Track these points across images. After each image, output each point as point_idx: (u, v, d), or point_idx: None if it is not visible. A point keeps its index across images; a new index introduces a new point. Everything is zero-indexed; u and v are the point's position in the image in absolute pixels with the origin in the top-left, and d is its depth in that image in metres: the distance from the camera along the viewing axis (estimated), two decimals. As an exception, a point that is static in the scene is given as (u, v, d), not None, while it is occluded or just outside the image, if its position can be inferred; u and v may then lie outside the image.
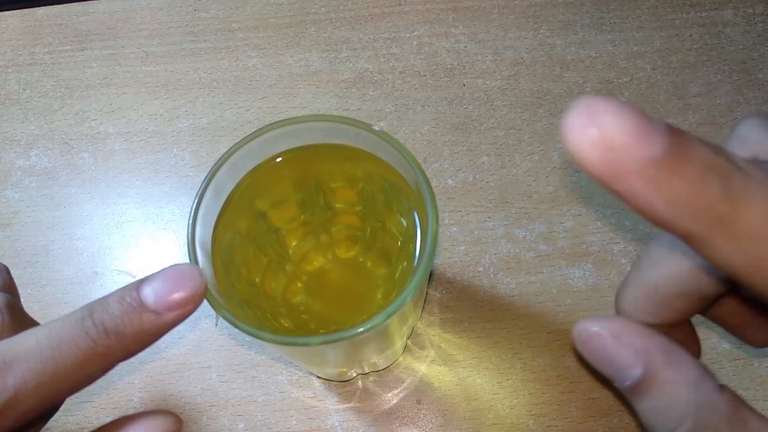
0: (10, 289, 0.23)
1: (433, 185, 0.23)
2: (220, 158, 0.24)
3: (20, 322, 0.21)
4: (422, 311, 0.31)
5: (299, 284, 0.26)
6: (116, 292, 0.19)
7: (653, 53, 0.37)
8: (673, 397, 0.17)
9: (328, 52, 0.37)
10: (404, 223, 0.25)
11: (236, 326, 0.21)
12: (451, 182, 0.34)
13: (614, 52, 0.37)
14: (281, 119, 0.24)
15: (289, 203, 0.27)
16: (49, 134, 0.36)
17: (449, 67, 0.37)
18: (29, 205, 0.34)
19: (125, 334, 0.18)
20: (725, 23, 0.37)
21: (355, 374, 0.29)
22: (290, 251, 0.27)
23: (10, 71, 0.38)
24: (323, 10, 0.39)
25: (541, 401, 0.29)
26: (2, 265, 0.23)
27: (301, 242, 0.27)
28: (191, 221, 0.23)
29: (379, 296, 0.25)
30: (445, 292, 0.31)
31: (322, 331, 0.25)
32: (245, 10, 0.39)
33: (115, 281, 0.32)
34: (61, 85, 0.37)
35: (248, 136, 0.24)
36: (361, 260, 0.26)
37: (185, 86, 0.37)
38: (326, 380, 0.30)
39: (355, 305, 0.26)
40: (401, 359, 0.30)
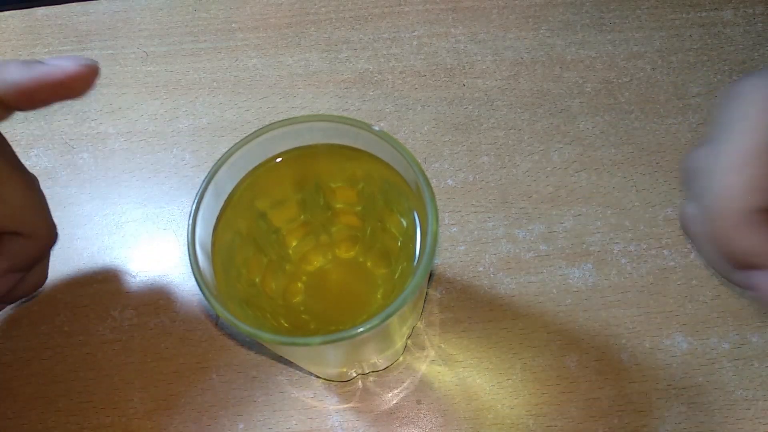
0: None
1: (433, 185, 0.23)
2: (220, 158, 0.24)
3: None
4: (422, 311, 0.31)
5: (299, 284, 0.26)
6: None
7: (653, 53, 0.37)
8: None
9: (328, 52, 0.37)
10: (404, 223, 0.25)
11: (236, 326, 0.21)
12: (451, 182, 0.34)
13: (614, 52, 0.37)
14: (281, 119, 0.24)
15: (289, 203, 0.27)
16: (49, 134, 0.36)
17: (449, 67, 0.37)
18: (29, 205, 0.34)
19: None
20: (725, 23, 0.37)
21: (355, 374, 0.29)
22: (290, 251, 0.27)
23: (10, 71, 0.38)
24: (323, 10, 0.39)
25: (540, 401, 0.29)
26: None
27: (301, 242, 0.27)
28: (191, 221, 0.23)
29: (379, 296, 0.25)
30: (444, 292, 0.31)
31: (322, 331, 0.25)
32: (245, 10, 0.39)
33: (114, 281, 0.32)
34: (61, 85, 0.37)
35: (248, 136, 0.24)
36: (361, 260, 0.26)
37: (185, 86, 0.37)
38: (326, 380, 0.30)
39: (355, 305, 0.26)
40: (401, 359, 0.30)
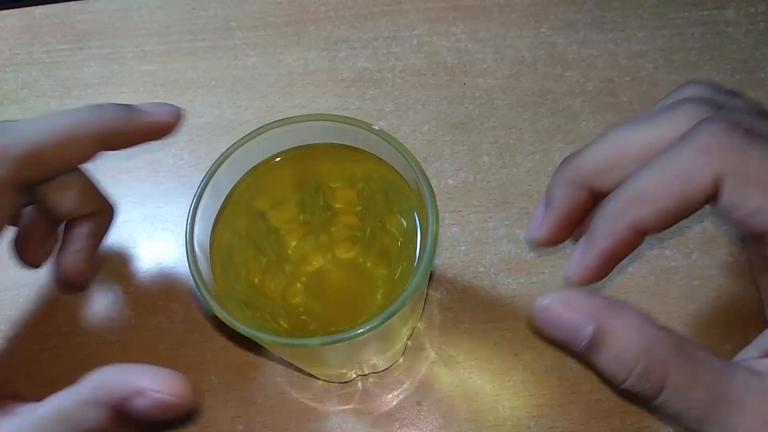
0: None
1: (433, 185, 0.22)
2: (218, 157, 0.24)
3: None
4: (422, 312, 0.31)
5: (299, 285, 0.26)
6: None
7: (655, 52, 0.37)
8: (623, 342, 0.19)
9: (327, 50, 0.37)
10: (404, 223, 0.25)
11: (235, 328, 0.21)
12: (451, 182, 0.34)
13: (616, 51, 0.37)
14: (280, 119, 0.24)
15: (288, 203, 0.26)
16: (47, 134, 0.36)
17: (450, 66, 0.37)
18: (27, 205, 0.34)
19: None
20: (727, 22, 0.37)
21: (354, 375, 0.29)
22: (289, 252, 0.26)
23: (8, 70, 0.38)
24: (323, 8, 0.38)
25: (542, 402, 0.29)
26: None
27: (300, 242, 0.27)
28: (189, 221, 0.23)
29: (379, 297, 0.25)
30: (445, 292, 0.31)
31: (321, 332, 0.25)
32: (244, 8, 0.39)
33: (112, 281, 0.32)
34: (59, 84, 0.37)
35: (247, 135, 0.24)
36: (360, 261, 0.26)
37: (184, 85, 0.37)
38: (326, 382, 0.29)
39: (354, 306, 0.26)
40: (401, 360, 0.30)
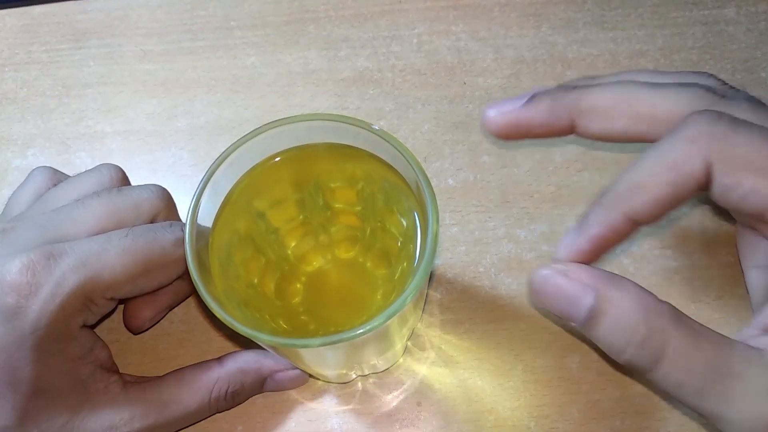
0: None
1: (433, 185, 0.22)
2: (218, 157, 0.24)
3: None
4: (422, 312, 0.30)
5: (298, 285, 0.26)
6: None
7: (655, 51, 0.36)
8: (623, 312, 0.19)
9: (327, 50, 0.37)
10: (404, 223, 0.25)
11: (235, 328, 0.21)
12: (451, 182, 0.34)
13: (616, 50, 0.37)
14: (280, 118, 0.24)
15: (288, 203, 0.26)
16: (46, 133, 0.36)
17: (450, 65, 0.37)
18: (26, 204, 0.34)
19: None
20: (728, 21, 0.37)
21: (354, 376, 0.29)
22: (289, 252, 0.26)
23: (7, 70, 0.38)
24: (322, 8, 0.38)
25: (542, 403, 0.29)
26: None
27: (300, 242, 0.26)
28: (189, 220, 0.23)
29: (378, 297, 0.25)
30: (445, 293, 0.31)
31: (321, 332, 0.24)
32: (244, 8, 0.39)
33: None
34: (58, 83, 0.37)
35: (247, 134, 0.24)
36: (360, 261, 0.26)
37: (183, 85, 0.37)
38: (326, 382, 0.29)
39: (354, 306, 0.26)
40: (401, 361, 0.30)
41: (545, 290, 0.20)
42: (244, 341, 0.30)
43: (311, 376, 0.29)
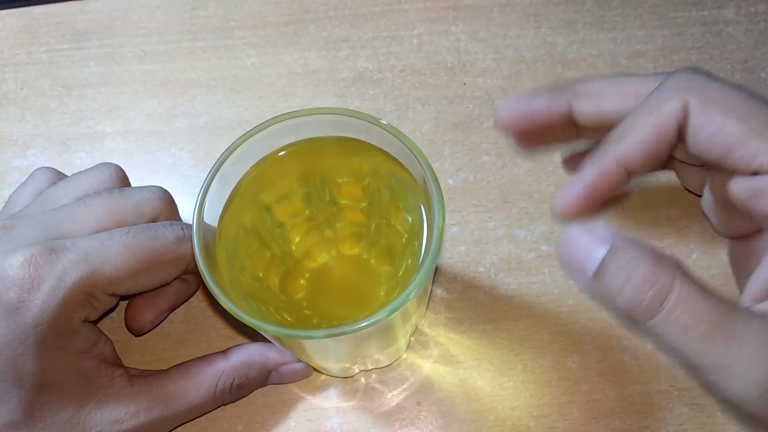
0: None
1: (434, 184, 0.22)
2: (227, 148, 0.24)
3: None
4: (426, 309, 0.30)
5: (302, 281, 0.26)
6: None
7: (655, 52, 0.36)
8: (634, 251, 0.20)
9: (327, 50, 0.37)
10: (410, 219, 0.25)
11: (241, 318, 0.21)
12: (451, 182, 0.34)
13: (616, 50, 0.37)
14: (289, 111, 0.24)
15: (294, 197, 0.26)
16: (46, 134, 0.36)
17: (450, 65, 0.37)
18: (26, 205, 0.34)
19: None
20: (727, 22, 0.37)
21: (357, 370, 0.29)
22: (294, 246, 0.26)
23: (7, 70, 0.38)
24: (322, 8, 0.38)
25: (542, 403, 0.29)
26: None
27: (305, 237, 0.26)
28: (197, 211, 0.23)
29: (382, 294, 0.25)
30: (445, 292, 0.31)
31: (324, 326, 0.25)
32: (244, 8, 0.39)
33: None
34: (58, 84, 0.37)
35: (256, 127, 0.24)
36: (365, 257, 0.26)
37: (183, 85, 0.37)
38: (327, 378, 0.29)
39: (357, 302, 0.26)
40: (404, 357, 0.30)
41: (568, 245, 0.21)
42: (248, 334, 0.30)
43: (315, 370, 0.29)
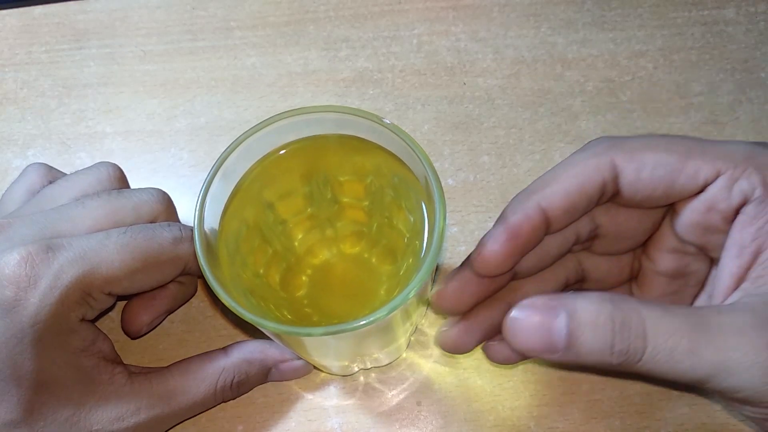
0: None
1: (434, 185, 0.22)
2: (230, 145, 0.24)
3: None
4: (426, 309, 0.30)
5: (303, 278, 0.26)
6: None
7: (655, 52, 0.36)
8: (593, 314, 0.19)
9: (327, 50, 0.37)
10: (411, 219, 0.25)
11: (240, 314, 0.21)
12: (451, 182, 0.34)
13: (616, 50, 0.37)
14: (292, 109, 0.24)
15: (296, 195, 0.26)
16: (46, 134, 0.36)
17: (449, 65, 0.37)
18: (26, 205, 0.34)
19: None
20: (727, 22, 0.37)
21: (357, 369, 0.29)
22: (296, 244, 0.26)
23: (7, 70, 0.38)
24: (322, 8, 0.38)
25: (542, 403, 0.29)
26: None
27: (306, 235, 0.26)
28: (198, 207, 0.23)
29: (382, 292, 0.25)
30: (445, 292, 0.31)
31: (324, 324, 0.25)
32: (244, 8, 0.39)
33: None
34: (58, 84, 0.37)
35: (259, 124, 0.24)
36: (366, 256, 0.26)
37: (183, 85, 0.37)
38: (327, 376, 0.29)
39: (358, 300, 0.26)
40: (404, 356, 0.30)
41: (520, 328, 0.20)
42: (248, 332, 0.30)
43: (314, 368, 0.29)
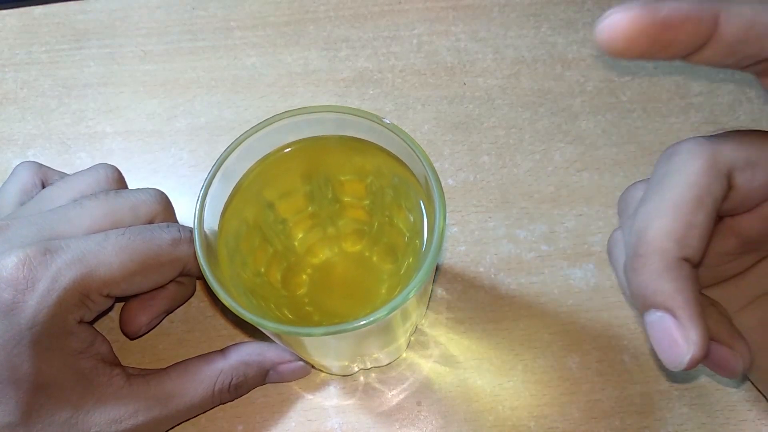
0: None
1: (434, 185, 0.22)
2: (230, 144, 0.24)
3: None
4: (427, 309, 0.30)
5: (304, 276, 0.26)
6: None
7: (655, 52, 0.36)
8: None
9: (327, 50, 0.37)
10: (411, 218, 0.25)
11: (240, 314, 0.21)
12: (451, 182, 0.34)
13: (616, 50, 0.37)
14: (292, 109, 0.24)
15: (297, 194, 0.26)
16: (46, 134, 0.36)
17: (449, 65, 0.37)
18: (26, 205, 0.34)
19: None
20: (728, 21, 0.37)
21: (357, 369, 0.29)
22: (296, 243, 0.26)
23: (7, 70, 0.38)
24: (322, 8, 0.38)
25: (542, 403, 0.29)
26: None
27: (307, 234, 0.26)
28: (198, 206, 0.23)
29: (383, 291, 0.25)
30: (445, 292, 0.31)
31: (325, 323, 0.25)
32: (244, 8, 0.39)
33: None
34: (58, 84, 0.37)
35: (259, 124, 0.24)
36: (367, 255, 0.26)
37: (183, 85, 0.37)
38: (327, 376, 0.29)
39: (359, 299, 0.26)
40: (404, 356, 0.30)
41: (658, 333, 0.20)
42: (248, 332, 0.30)
43: (314, 367, 0.29)
